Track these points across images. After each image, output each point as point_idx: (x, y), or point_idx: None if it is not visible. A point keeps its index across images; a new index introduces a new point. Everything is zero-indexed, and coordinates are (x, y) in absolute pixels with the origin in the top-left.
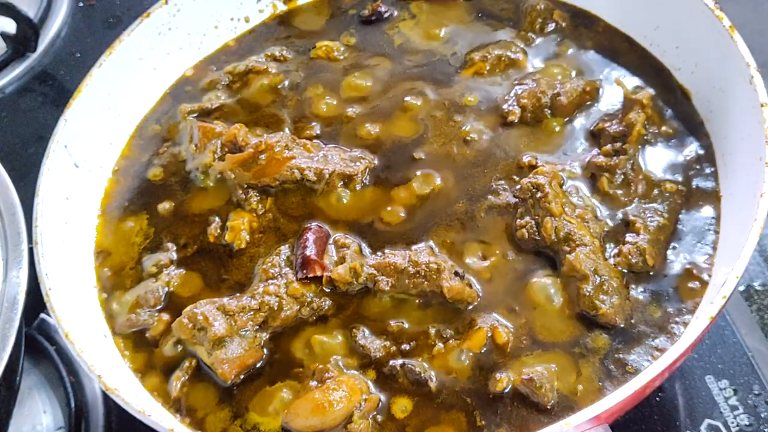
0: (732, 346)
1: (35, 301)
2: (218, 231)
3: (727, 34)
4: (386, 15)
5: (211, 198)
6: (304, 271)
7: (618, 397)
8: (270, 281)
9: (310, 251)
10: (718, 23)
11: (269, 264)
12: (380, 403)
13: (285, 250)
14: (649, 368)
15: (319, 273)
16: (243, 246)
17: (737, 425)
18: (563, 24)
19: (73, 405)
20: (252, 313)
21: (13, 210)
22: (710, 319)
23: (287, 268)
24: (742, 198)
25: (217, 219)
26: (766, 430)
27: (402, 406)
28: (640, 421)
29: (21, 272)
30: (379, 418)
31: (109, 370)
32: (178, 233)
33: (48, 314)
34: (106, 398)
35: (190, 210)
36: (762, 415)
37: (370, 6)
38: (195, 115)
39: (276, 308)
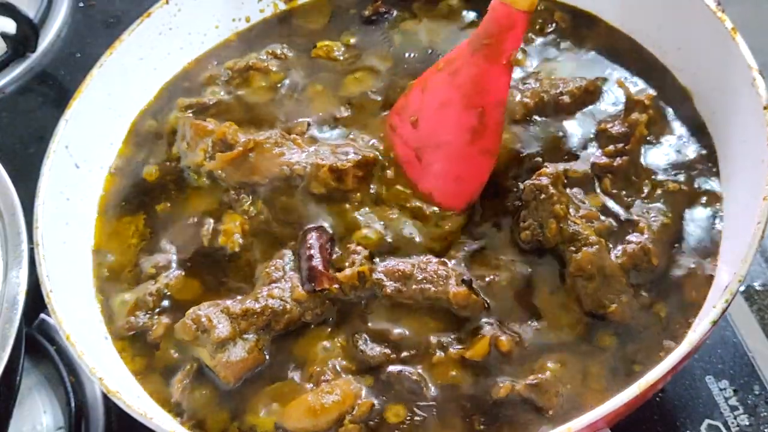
0: (732, 347)
1: (35, 301)
2: (210, 234)
3: (729, 36)
4: (387, 15)
5: (205, 198)
6: (312, 284)
7: (619, 401)
8: (273, 285)
9: (317, 261)
10: (720, 25)
11: (272, 267)
12: (374, 409)
13: (288, 253)
14: (651, 372)
15: (327, 286)
16: (237, 249)
17: (737, 425)
18: (563, 25)
19: (73, 405)
20: (255, 316)
21: (13, 210)
22: (712, 323)
23: (291, 272)
24: (745, 199)
25: (210, 221)
26: (766, 430)
27: (396, 412)
28: (640, 422)
29: (21, 272)
30: (372, 423)
31: (111, 373)
32: (175, 234)
33: (48, 314)
34: (107, 399)
35: (186, 210)
36: (762, 415)
37: (371, 6)
38: (192, 110)
39: (280, 312)
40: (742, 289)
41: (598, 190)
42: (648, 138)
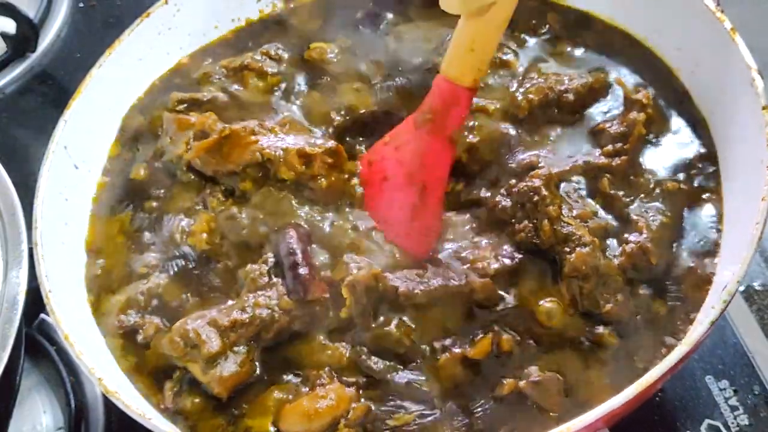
0: (732, 347)
1: (35, 302)
2: (181, 233)
3: (729, 37)
4: (380, 18)
5: (188, 195)
6: (301, 294)
7: (617, 401)
8: (260, 292)
9: (303, 270)
10: (720, 25)
11: (257, 273)
12: (370, 412)
13: (271, 256)
14: (649, 372)
15: (319, 295)
16: (204, 247)
17: (737, 425)
18: (557, 27)
19: (73, 405)
20: (244, 327)
21: (13, 210)
22: (711, 323)
23: (277, 278)
24: (743, 200)
25: (184, 220)
26: (766, 430)
27: (404, 420)
28: (640, 422)
29: (21, 272)
30: (368, 426)
31: (110, 373)
32: (162, 233)
33: (48, 314)
34: (107, 399)
35: (171, 208)
36: (762, 416)
37: (363, 9)
38: (185, 104)
39: (268, 321)
40: (741, 289)
41: (596, 190)
42: (647, 137)
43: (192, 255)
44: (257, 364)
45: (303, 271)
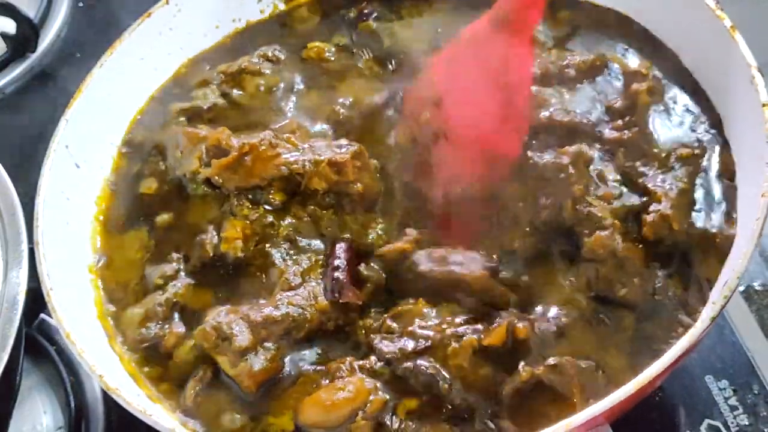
0: (732, 346)
1: (35, 302)
2: (213, 242)
3: (729, 34)
4: (374, 16)
5: (207, 206)
6: (336, 296)
7: (619, 396)
8: (293, 292)
9: (342, 274)
10: (720, 23)
11: (291, 274)
12: (387, 405)
13: (304, 258)
14: (651, 367)
15: (351, 300)
16: (240, 254)
17: (737, 425)
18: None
19: (73, 405)
20: (275, 324)
21: (13, 210)
22: (711, 319)
23: (311, 279)
24: (745, 196)
25: (212, 230)
26: (765, 430)
27: (409, 407)
28: (640, 421)
29: (21, 272)
30: (385, 418)
31: (111, 371)
32: (180, 244)
33: (48, 314)
34: (107, 398)
35: (188, 219)
36: (762, 415)
37: (356, 8)
38: (187, 115)
39: (300, 320)
40: (741, 289)
41: (612, 165)
42: (653, 108)
43: (221, 262)
44: (285, 362)
45: (341, 275)
